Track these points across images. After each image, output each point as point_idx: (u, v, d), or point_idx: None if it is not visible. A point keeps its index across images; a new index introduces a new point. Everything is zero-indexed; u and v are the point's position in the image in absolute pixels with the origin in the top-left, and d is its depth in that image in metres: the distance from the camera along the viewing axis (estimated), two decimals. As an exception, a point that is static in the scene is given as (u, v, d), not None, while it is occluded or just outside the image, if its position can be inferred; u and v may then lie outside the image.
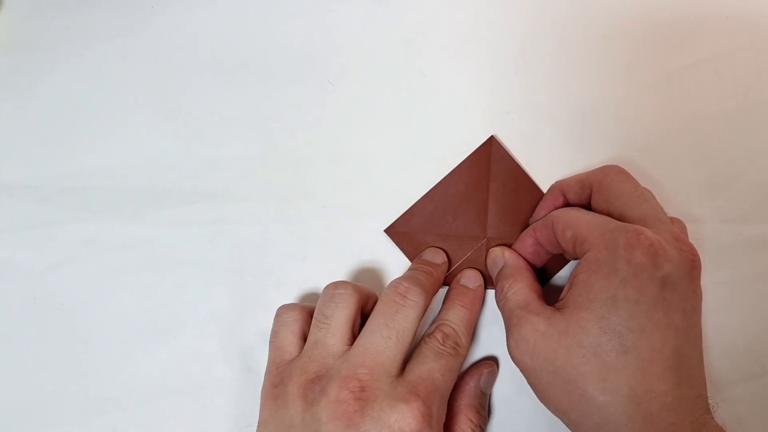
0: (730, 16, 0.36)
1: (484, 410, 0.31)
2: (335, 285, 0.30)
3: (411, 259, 0.33)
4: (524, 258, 0.31)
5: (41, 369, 0.33)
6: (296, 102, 0.35)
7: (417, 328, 0.28)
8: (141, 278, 0.34)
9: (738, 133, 0.35)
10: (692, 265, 0.26)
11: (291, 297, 0.34)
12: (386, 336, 0.27)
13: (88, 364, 0.33)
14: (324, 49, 0.36)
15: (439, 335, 0.29)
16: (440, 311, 0.31)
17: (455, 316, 0.30)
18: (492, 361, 0.33)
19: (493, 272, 0.32)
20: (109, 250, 0.34)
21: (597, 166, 0.31)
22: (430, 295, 0.30)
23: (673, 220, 0.30)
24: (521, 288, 0.29)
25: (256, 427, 0.28)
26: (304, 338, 0.29)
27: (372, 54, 0.36)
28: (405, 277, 0.30)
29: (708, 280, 0.33)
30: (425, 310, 0.29)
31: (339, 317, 0.28)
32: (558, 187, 0.32)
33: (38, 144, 0.35)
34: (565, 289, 0.27)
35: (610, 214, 0.28)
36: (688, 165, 0.34)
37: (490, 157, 0.33)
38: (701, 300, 0.27)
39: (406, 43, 0.36)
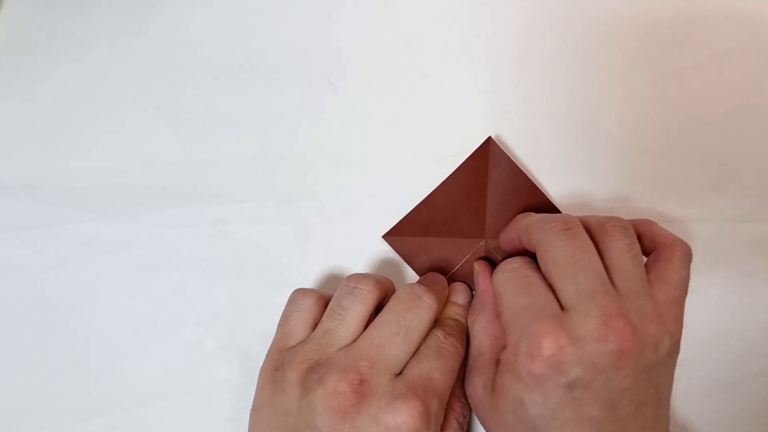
0: (730, 16, 0.36)
1: (465, 398, 0.31)
2: (357, 278, 0.29)
3: (410, 264, 0.33)
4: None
5: (41, 369, 0.33)
6: (296, 102, 0.35)
7: (426, 332, 0.28)
8: (141, 278, 0.34)
9: (738, 133, 0.35)
10: (618, 355, 0.24)
11: (291, 297, 0.34)
12: (395, 332, 0.27)
13: (88, 364, 0.33)
14: (324, 49, 0.36)
15: (440, 332, 0.29)
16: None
17: (455, 314, 0.31)
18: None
19: (475, 287, 0.32)
20: (109, 250, 0.34)
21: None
22: (441, 306, 0.30)
23: (670, 245, 0.28)
24: (479, 329, 0.30)
25: (250, 410, 0.28)
26: (315, 327, 0.29)
27: (372, 54, 0.36)
28: (421, 285, 0.30)
29: (708, 279, 0.33)
30: (435, 318, 0.29)
31: (356, 312, 0.28)
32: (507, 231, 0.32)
33: (38, 144, 0.35)
34: (501, 354, 0.28)
35: (550, 281, 0.27)
36: (688, 165, 0.34)
37: (488, 158, 0.33)
38: (640, 378, 0.25)
39: (406, 43, 0.36)
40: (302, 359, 0.27)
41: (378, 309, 0.29)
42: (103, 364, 0.33)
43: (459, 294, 0.32)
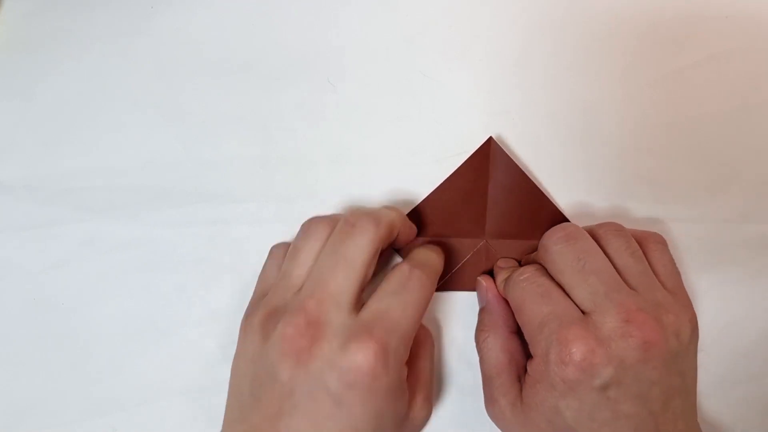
0: (730, 16, 0.36)
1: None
2: (310, 221, 0.29)
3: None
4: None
5: (41, 369, 0.33)
6: (296, 102, 0.35)
7: (371, 258, 0.27)
8: (141, 278, 0.34)
9: (738, 133, 0.35)
10: (644, 348, 0.25)
11: (291, 297, 0.34)
12: (335, 263, 0.26)
13: (88, 364, 0.33)
14: (324, 49, 0.36)
15: (405, 266, 0.27)
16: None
17: (426, 255, 0.30)
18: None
19: (479, 303, 0.32)
20: (109, 250, 0.34)
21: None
22: (387, 230, 0.28)
23: (645, 238, 0.29)
24: (493, 348, 0.30)
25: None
26: None
27: (372, 54, 0.36)
28: (358, 210, 0.29)
29: (708, 279, 0.33)
30: (380, 243, 0.27)
31: (307, 250, 0.27)
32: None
33: (38, 144, 0.35)
34: (528, 366, 0.27)
35: (564, 289, 0.27)
36: (688, 165, 0.34)
37: (489, 159, 0.33)
38: (668, 369, 0.26)
39: (406, 43, 0.36)
40: (264, 305, 0.27)
41: None
42: (103, 364, 0.33)
43: (430, 244, 0.32)
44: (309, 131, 0.35)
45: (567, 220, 0.33)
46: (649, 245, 0.29)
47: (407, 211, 0.34)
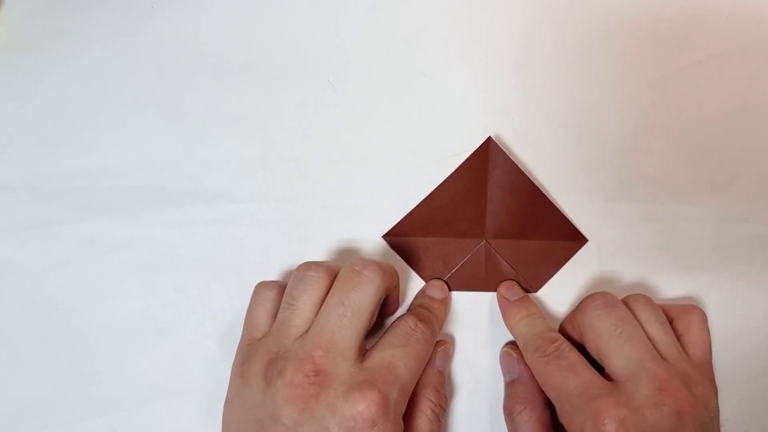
0: (730, 16, 0.36)
1: (443, 389, 0.31)
2: (307, 266, 0.29)
3: (410, 264, 0.33)
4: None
5: (41, 369, 0.33)
6: (296, 102, 0.35)
7: (375, 307, 0.28)
8: (141, 278, 0.34)
9: (738, 133, 0.35)
10: (678, 416, 0.25)
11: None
12: (341, 314, 0.27)
13: (88, 364, 0.33)
14: (324, 49, 0.36)
15: (411, 319, 0.29)
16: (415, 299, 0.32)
17: (430, 306, 0.31)
18: (446, 340, 0.33)
19: (505, 373, 0.32)
20: (109, 250, 0.34)
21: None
22: (390, 278, 0.29)
23: (687, 311, 0.30)
24: (530, 420, 0.30)
25: (224, 403, 0.29)
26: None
27: (372, 54, 0.36)
28: (363, 259, 0.29)
29: (708, 279, 0.33)
30: (383, 290, 0.28)
31: (306, 299, 0.28)
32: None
33: (38, 144, 0.35)
34: None
35: (598, 355, 0.28)
36: (688, 165, 0.34)
37: (488, 159, 0.33)
38: None
39: (406, 43, 0.36)
40: (264, 352, 0.27)
41: None
42: (103, 364, 0.33)
43: (435, 290, 0.32)
44: (309, 131, 0.35)
45: (567, 220, 0.33)
46: (692, 317, 0.30)
47: (407, 211, 0.34)
